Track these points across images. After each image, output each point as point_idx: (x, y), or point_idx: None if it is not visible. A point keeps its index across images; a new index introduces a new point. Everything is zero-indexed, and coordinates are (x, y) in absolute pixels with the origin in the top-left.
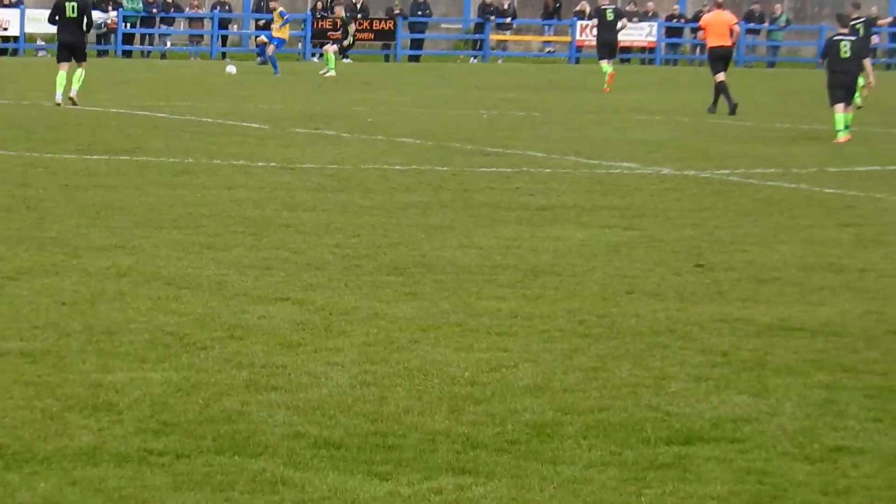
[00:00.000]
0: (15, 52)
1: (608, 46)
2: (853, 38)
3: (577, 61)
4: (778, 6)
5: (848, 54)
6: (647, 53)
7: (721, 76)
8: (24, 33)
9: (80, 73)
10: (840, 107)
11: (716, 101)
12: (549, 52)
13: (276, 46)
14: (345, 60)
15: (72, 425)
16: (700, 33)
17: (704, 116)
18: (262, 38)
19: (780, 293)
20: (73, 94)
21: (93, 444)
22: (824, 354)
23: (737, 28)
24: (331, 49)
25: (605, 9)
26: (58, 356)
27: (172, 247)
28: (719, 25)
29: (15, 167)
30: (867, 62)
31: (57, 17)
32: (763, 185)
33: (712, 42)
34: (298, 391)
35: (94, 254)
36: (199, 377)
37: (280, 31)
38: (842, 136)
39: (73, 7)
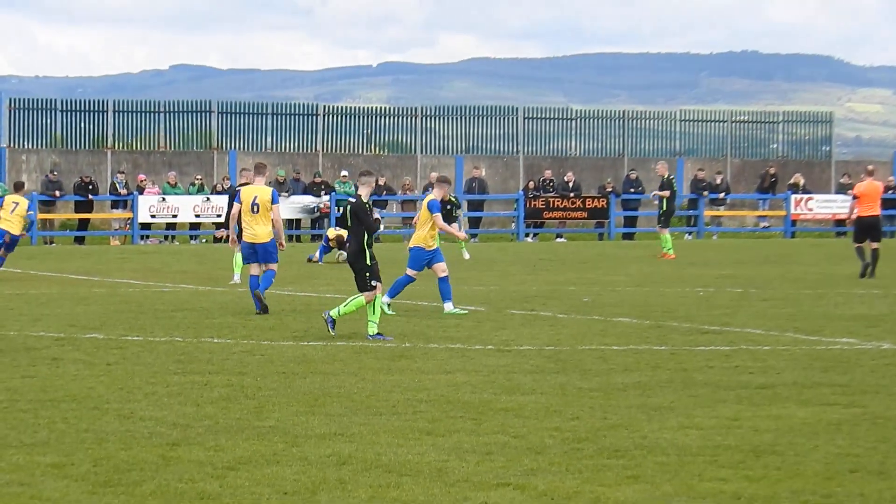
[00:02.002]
0: (194, 238)
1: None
2: None
3: (793, 235)
4: None
5: None
6: None
7: (861, 245)
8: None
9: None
10: None
11: (867, 266)
12: (764, 226)
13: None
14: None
15: None
16: (853, 202)
17: None
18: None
19: None
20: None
21: None
22: None
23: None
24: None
25: (673, 178)
26: None
27: (392, 433)
28: (871, 195)
29: (232, 355)
30: None
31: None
32: None
33: (862, 211)
34: None
35: (313, 442)
36: None
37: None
38: None
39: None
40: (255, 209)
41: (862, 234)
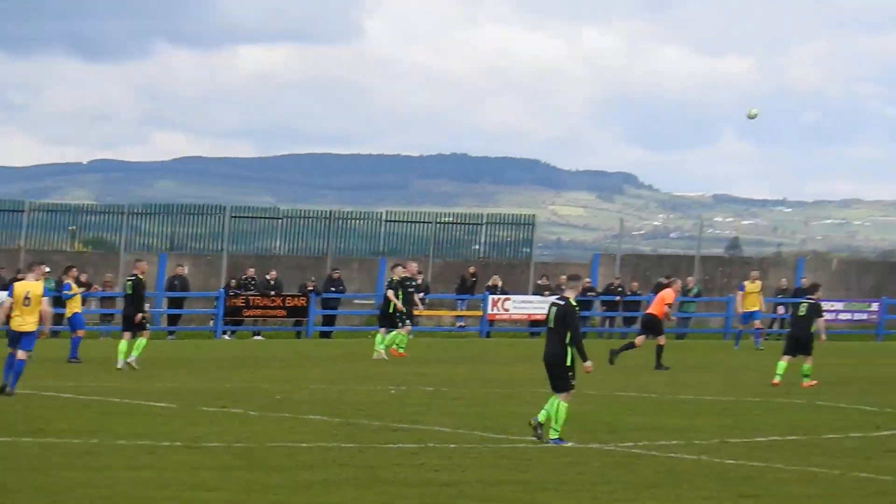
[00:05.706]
0: None
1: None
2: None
3: (489, 335)
4: (690, 279)
5: (804, 313)
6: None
7: (639, 339)
8: None
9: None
10: (786, 357)
11: (658, 359)
12: (460, 326)
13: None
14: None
15: None
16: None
17: (612, 389)
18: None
19: None
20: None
21: None
22: None
23: (668, 307)
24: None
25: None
26: None
27: None
28: (657, 298)
29: None
30: (820, 321)
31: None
32: (665, 457)
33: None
34: None
35: None
36: None
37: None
38: (776, 379)
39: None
40: (27, 302)
41: (643, 329)
